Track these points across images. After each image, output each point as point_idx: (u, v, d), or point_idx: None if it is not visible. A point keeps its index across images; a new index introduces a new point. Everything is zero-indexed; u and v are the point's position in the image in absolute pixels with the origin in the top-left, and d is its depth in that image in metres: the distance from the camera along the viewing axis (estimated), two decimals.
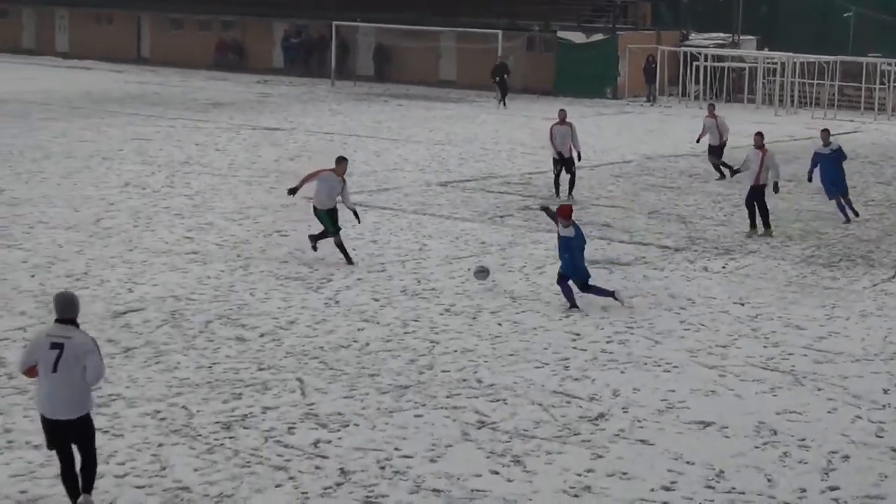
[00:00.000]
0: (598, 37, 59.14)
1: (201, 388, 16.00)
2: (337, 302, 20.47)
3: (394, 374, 16.82)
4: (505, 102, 53.97)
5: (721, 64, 58.14)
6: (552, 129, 30.74)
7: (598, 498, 13.01)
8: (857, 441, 14.80)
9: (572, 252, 20.34)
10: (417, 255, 24.07)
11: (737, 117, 48.12)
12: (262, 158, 36.23)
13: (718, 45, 60.50)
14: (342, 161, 23.36)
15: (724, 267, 23.71)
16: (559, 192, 30.42)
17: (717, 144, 34.72)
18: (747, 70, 57.81)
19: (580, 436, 14.72)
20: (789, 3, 63.64)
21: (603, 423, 15.14)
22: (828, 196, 28.95)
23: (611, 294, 20.48)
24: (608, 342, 18.57)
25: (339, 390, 16.07)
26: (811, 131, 41.60)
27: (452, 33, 61.80)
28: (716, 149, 34.73)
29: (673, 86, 58.60)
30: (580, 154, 30.86)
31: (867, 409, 15.91)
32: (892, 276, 23.30)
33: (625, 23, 61.95)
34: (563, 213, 20.63)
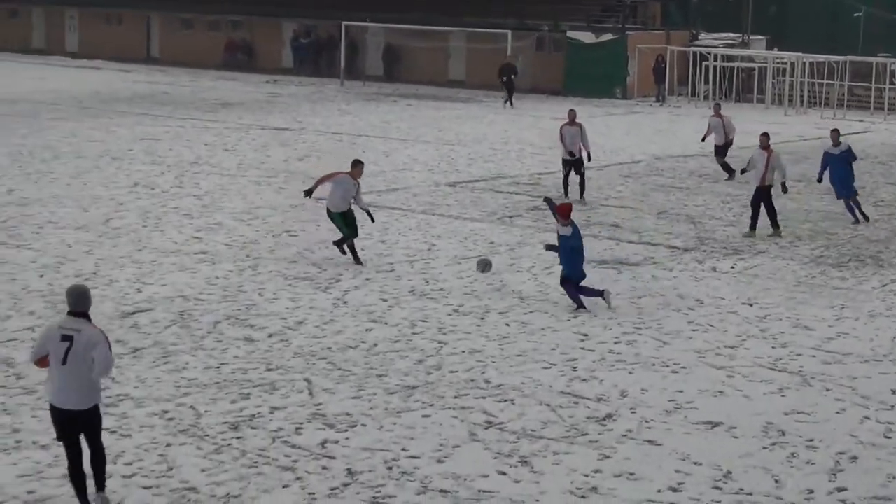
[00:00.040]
0: (607, 37, 59.13)
1: (209, 389, 16.01)
2: (345, 302, 20.48)
3: (402, 374, 16.83)
4: (512, 102, 53.96)
5: (731, 64, 58.09)
6: (562, 130, 30.72)
7: (605, 498, 13.00)
8: (866, 442, 14.78)
9: (569, 251, 20.34)
10: (426, 256, 24.08)
11: (746, 117, 48.10)
12: (271, 158, 36.26)
13: (728, 45, 60.44)
14: (358, 164, 23.39)
15: (732, 267, 23.69)
16: (568, 192, 30.39)
17: (721, 144, 34.70)
18: (757, 70, 57.74)
19: (588, 436, 14.72)
20: (799, 3, 63.63)
21: (611, 424, 15.14)
22: (837, 196, 28.93)
23: (600, 294, 20.43)
24: (616, 343, 18.56)
25: (347, 391, 16.08)
26: (821, 131, 41.57)
27: (462, 33, 61.81)
28: (720, 148, 34.70)
29: (682, 86, 58.57)
30: (590, 154, 30.85)
31: (875, 410, 15.89)
32: None
33: (634, 23, 61.90)
34: (563, 211, 20.63)
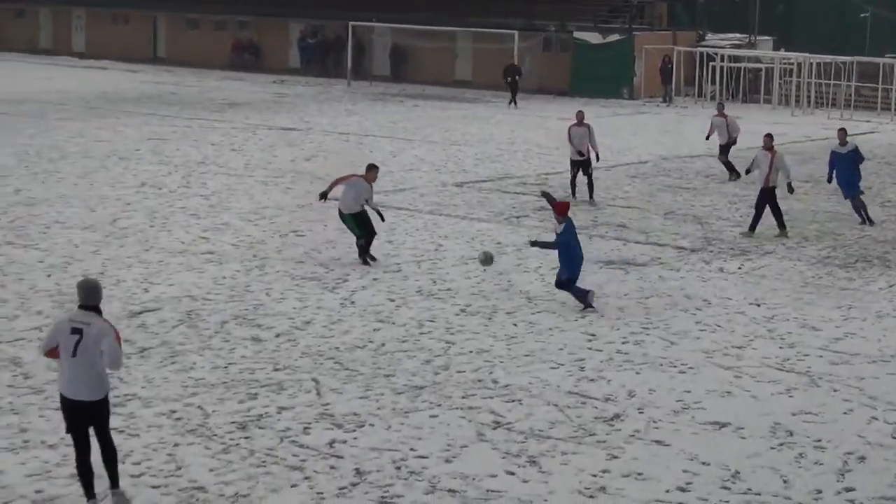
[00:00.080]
0: (614, 37, 59.12)
1: (217, 389, 16.02)
2: (352, 302, 20.49)
3: (409, 374, 16.82)
4: (516, 102, 53.98)
5: (737, 64, 58.07)
6: (570, 131, 30.67)
7: (613, 498, 13.00)
8: (873, 442, 14.77)
9: (562, 248, 20.33)
10: (433, 256, 24.08)
11: (753, 118, 48.14)
12: (278, 158, 36.27)
13: (735, 46, 60.40)
14: (373, 168, 23.40)
15: (739, 268, 23.68)
16: (575, 192, 30.38)
17: (724, 143, 34.66)
18: (764, 70, 57.72)
19: (596, 436, 14.71)
20: (806, 4, 63.63)
21: (618, 424, 15.13)
22: (844, 196, 28.89)
23: (584, 294, 20.38)
24: (624, 343, 18.56)
25: (355, 390, 16.09)
26: (828, 132, 41.52)
27: (468, 33, 61.81)
28: (724, 147, 34.65)
29: (689, 86, 58.56)
30: (598, 155, 30.81)
31: (883, 411, 15.87)
32: None
33: (641, 23, 61.88)
34: (560, 209, 20.59)
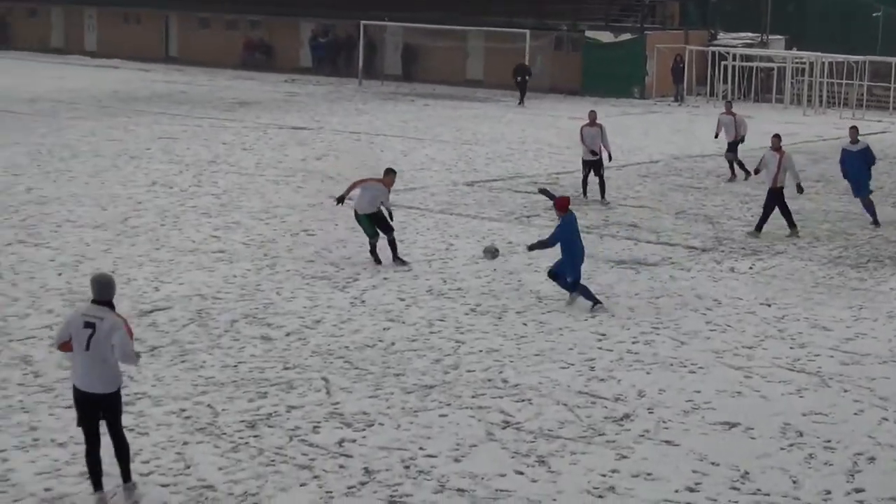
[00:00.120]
0: (625, 36, 59.06)
1: (226, 387, 16.03)
2: (363, 301, 20.49)
3: (419, 373, 16.82)
4: (523, 102, 53.99)
5: (749, 64, 57.98)
6: (582, 131, 30.61)
7: (622, 499, 12.98)
8: (884, 443, 14.73)
9: (563, 244, 20.37)
10: (444, 255, 24.07)
11: (765, 117, 48.07)
12: (288, 157, 36.29)
13: (747, 45, 60.31)
14: (391, 173, 23.35)
15: (750, 268, 23.64)
16: (586, 192, 30.35)
17: (732, 141, 34.56)
18: (776, 70, 57.59)
19: (605, 436, 14.70)
20: (818, 3, 63.51)
21: (628, 424, 15.11)
22: (853, 194, 28.77)
23: (569, 290, 20.49)
24: (634, 343, 18.54)
25: (364, 389, 16.08)
26: (839, 131, 41.42)
27: (480, 33, 61.79)
28: (731, 145, 34.56)
29: (701, 86, 58.48)
30: (611, 155, 30.75)
31: (894, 411, 15.82)
32: None
33: (653, 22, 61.80)
34: (560, 204, 20.57)
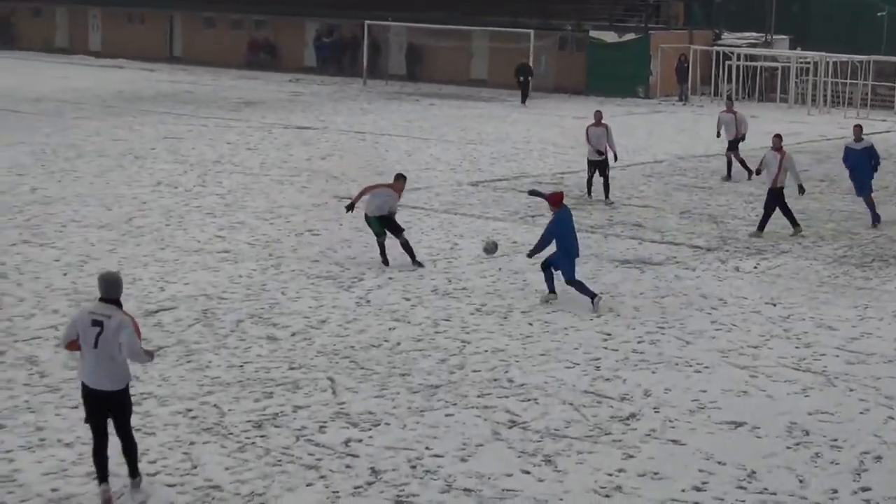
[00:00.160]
0: (630, 36, 59.05)
1: (232, 387, 16.04)
2: (368, 301, 20.49)
3: (425, 373, 16.83)
4: (525, 102, 54.03)
5: (753, 63, 57.96)
6: (588, 131, 30.57)
7: (629, 498, 12.99)
8: (890, 442, 14.72)
9: (557, 239, 20.42)
10: (449, 255, 24.07)
11: (769, 117, 48.04)
12: (293, 157, 36.29)
13: (751, 45, 60.27)
14: (401, 178, 23.34)
15: (755, 267, 23.63)
16: (591, 192, 30.35)
17: (733, 139, 34.53)
18: (780, 69, 57.59)
19: (611, 436, 14.70)
20: (822, 3, 63.47)
21: (634, 423, 15.12)
22: (856, 193, 28.71)
23: (551, 287, 20.55)
24: (639, 342, 18.54)
25: (370, 389, 16.09)
26: (844, 131, 41.39)
27: (484, 32, 61.80)
28: (732, 143, 34.53)
29: (705, 85, 58.45)
30: (616, 155, 30.72)
31: None
32: None
33: (657, 22, 61.77)
34: (553, 199, 20.59)
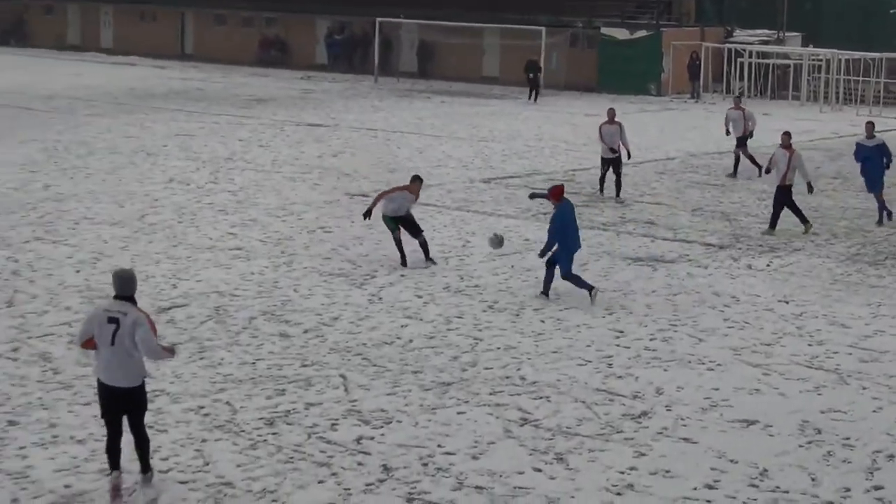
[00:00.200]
0: (641, 33, 58.97)
1: (245, 384, 16.05)
2: (380, 298, 20.49)
3: (437, 370, 16.82)
4: (536, 98, 54.08)
5: (766, 61, 57.85)
6: (601, 128, 30.52)
7: (640, 496, 12.97)
8: None
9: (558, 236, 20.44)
10: (461, 252, 24.07)
11: (781, 114, 47.99)
12: (305, 154, 36.31)
13: (763, 42, 60.13)
14: (417, 180, 23.31)
15: (768, 265, 23.60)
16: (603, 190, 30.33)
17: (741, 135, 34.46)
18: (792, 67, 57.47)
19: (623, 433, 14.69)
20: (834, 0, 63.29)
21: (646, 421, 15.10)
22: (868, 190, 28.63)
23: (546, 287, 20.61)
24: (651, 340, 18.52)
25: (382, 387, 16.09)
26: (856, 128, 41.31)
27: (496, 30, 61.75)
28: (740, 140, 34.46)
29: (717, 83, 58.35)
30: (630, 153, 30.67)
31: None
32: None
33: (669, 19, 61.71)
34: (554, 193, 20.61)
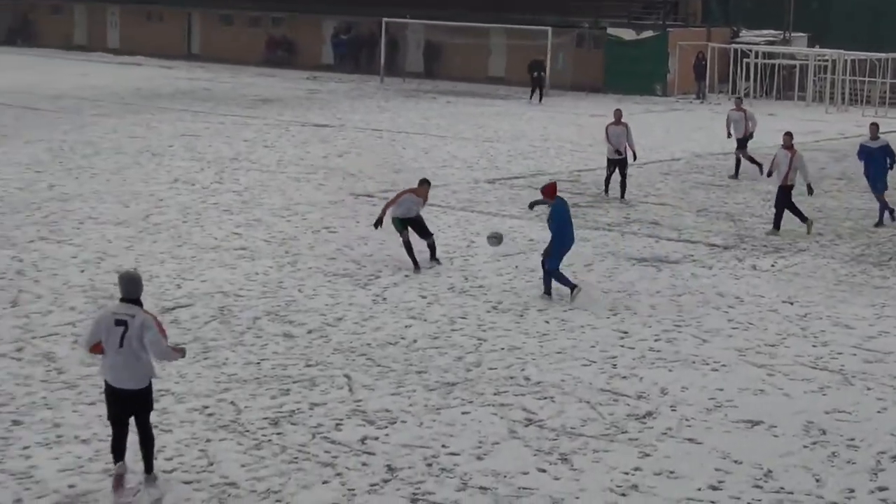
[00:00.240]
0: (648, 33, 58.99)
1: (249, 384, 16.05)
2: (384, 299, 20.49)
3: (441, 371, 16.82)
4: (541, 98, 54.06)
5: (772, 61, 57.85)
6: (607, 129, 30.53)
7: (645, 497, 12.97)
8: None
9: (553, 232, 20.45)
10: (465, 253, 24.06)
11: (787, 115, 47.98)
12: (310, 155, 36.32)
13: (769, 42, 60.13)
14: (425, 183, 23.19)
15: (773, 265, 23.59)
16: (608, 190, 30.33)
17: (742, 137, 34.46)
18: (798, 67, 57.47)
19: (628, 434, 14.68)
20: (841, 1, 63.26)
21: (651, 422, 15.10)
22: (872, 191, 28.58)
23: (545, 284, 20.70)
24: (656, 340, 18.51)
25: (387, 387, 16.09)
26: (861, 129, 41.22)
27: (502, 30, 61.77)
28: (741, 141, 34.47)
29: (723, 83, 58.37)
30: (636, 154, 30.65)
31: None
32: None
33: (675, 19, 61.72)
34: (548, 191, 20.62)
